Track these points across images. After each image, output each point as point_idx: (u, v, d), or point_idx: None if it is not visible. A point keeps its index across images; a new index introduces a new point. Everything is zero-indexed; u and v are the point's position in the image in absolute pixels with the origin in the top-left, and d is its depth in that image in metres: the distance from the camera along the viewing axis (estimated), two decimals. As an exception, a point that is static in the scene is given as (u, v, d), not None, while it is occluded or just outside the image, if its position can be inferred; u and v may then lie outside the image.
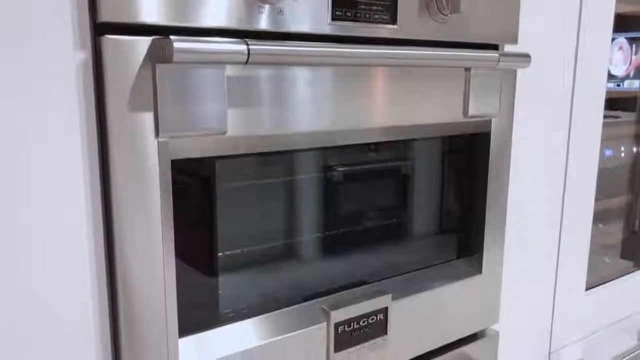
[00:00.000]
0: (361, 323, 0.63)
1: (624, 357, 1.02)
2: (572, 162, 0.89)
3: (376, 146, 0.68)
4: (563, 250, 0.91)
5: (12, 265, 0.43)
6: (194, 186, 0.54)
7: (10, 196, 0.42)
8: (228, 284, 0.58)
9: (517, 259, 0.83)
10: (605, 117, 0.93)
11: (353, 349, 0.62)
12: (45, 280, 0.44)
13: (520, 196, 0.81)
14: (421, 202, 0.73)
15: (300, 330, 0.58)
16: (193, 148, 0.49)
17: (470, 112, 0.68)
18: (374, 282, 0.67)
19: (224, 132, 0.49)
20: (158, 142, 0.46)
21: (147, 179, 0.47)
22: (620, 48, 1.44)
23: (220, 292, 0.57)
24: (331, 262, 0.66)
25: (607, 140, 1.03)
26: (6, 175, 0.42)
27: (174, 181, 0.49)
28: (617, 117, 1.15)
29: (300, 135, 0.55)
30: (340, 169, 0.65)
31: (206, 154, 0.50)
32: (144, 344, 0.48)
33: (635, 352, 1.03)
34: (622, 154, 1.09)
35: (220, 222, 0.56)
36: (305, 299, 0.62)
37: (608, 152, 1.06)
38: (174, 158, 0.48)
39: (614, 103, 1.32)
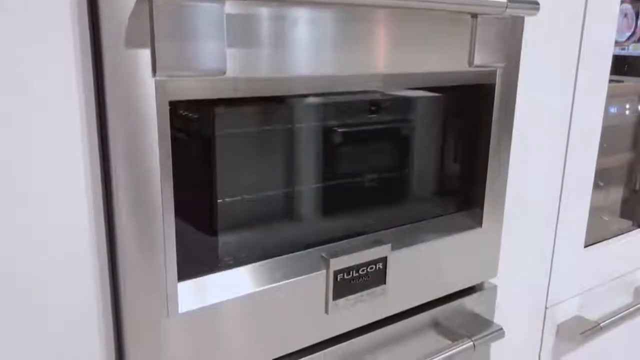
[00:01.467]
0: (360, 272, 0.63)
1: (618, 314, 1.03)
2: (576, 118, 0.88)
3: (377, 99, 0.66)
4: (563, 206, 0.91)
5: (10, 199, 0.42)
6: (192, 131, 0.53)
7: (8, 130, 0.41)
8: (227, 231, 0.57)
9: (517, 213, 0.83)
10: (610, 81, 0.91)
11: (352, 297, 0.63)
12: (45, 223, 0.44)
13: (522, 151, 0.81)
14: (422, 156, 0.73)
15: (300, 277, 0.58)
16: (191, 89, 0.48)
17: (476, 61, 0.66)
18: (373, 232, 0.67)
19: (223, 73, 0.48)
20: (155, 81, 0.45)
21: (144, 120, 0.46)
22: (626, 15, 1.41)
23: (219, 238, 0.56)
24: (331, 213, 0.65)
25: (612, 97, 1.01)
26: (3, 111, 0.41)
27: (173, 126, 0.48)
28: (620, 81, 1.13)
29: (300, 79, 0.53)
30: (341, 121, 0.64)
31: (205, 96, 0.49)
32: (143, 288, 0.48)
33: (630, 309, 1.04)
34: (627, 112, 1.07)
35: (219, 169, 0.55)
36: (305, 248, 0.61)
37: (612, 110, 1.04)
38: (172, 99, 0.47)
39: (619, 67, 1.30)
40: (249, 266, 0.57)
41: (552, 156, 0.86)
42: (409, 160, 0.72)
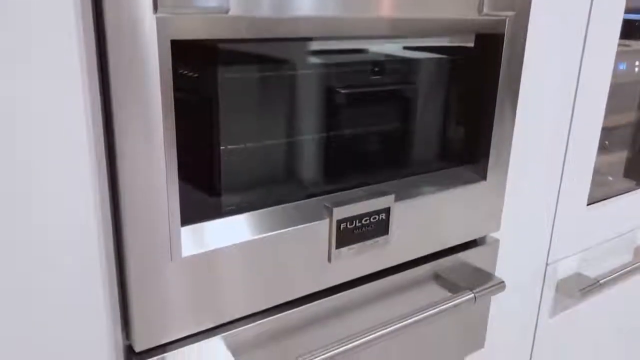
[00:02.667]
0: (363, 221, 0.62)
1: (617, 272, 1.03)
2: (585, 74, 0.86)
3: (385, 53, 0.65)
4: (568, 163, 0.90)
5: (11, 157, 0.42)
6: (195, 74, 0.52)
7: (8, 74, 0.40)
8: (230, 178, 0.57)
9: (522, 169, 0.82)
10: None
11: (354, 246, 0.63)
12: (45, 173, 0.43)
13: (529, 106, 0.79)
14: (428, 108, 0.71)
15: (302, 225, 0.58)
16: (193, 28, 0.46)
17: (485, 9, 0.65)
18: (377, 183, 0.66)
19: (226, 11, 0.46)
20: (157, 18, 0.44)
21: (146, 60, 0.45)
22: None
23: (222, 184, 0.56)
24: (335, 163, 0.65)
25: (622, 53, 0.99)
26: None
27: (175, 69, 0.47)
28: (628, 45, 1.11)
29: (304, 20, 0.52)
30: (347, 73, 0.63)
31: (207, 36, 0.47)
32: (146, 231, 0.48)
33: (629, 267, 1.05)
34: (637, 69, 1.05)
35: (222, 114, 0.55)
36: (308, 197, 0.61)
37: (622, 67, 1.02)
38: (173, 38, 0.46)
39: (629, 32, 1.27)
40: (252, 213, 0.56)
41: (559, 112, 0.85)
42: (414, 113, 0.70)
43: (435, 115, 0.73)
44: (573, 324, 1.05)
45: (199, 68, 0.52)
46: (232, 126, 0.56)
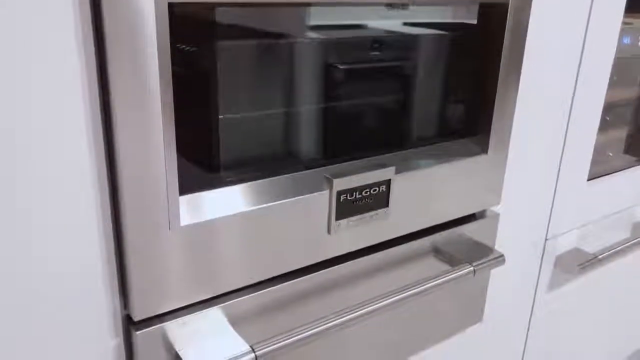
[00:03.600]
0: (363, 193, 0.62)
1: (615, 248, 1.04)
2: (589, 47, 0.85)
3: (385, 21, 0.63)
4: (569, 138, 0.89)
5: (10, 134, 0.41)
6: (192, 42, 0.51)
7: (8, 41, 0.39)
8: (229, 148, 0.56)
9: (523, 143, 0.81)
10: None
11: (354, 218, 0.62)
12: (45, 144, 0.42)
13: (532, 79, 0.78)
14: (430, 80, 0.70)
15: (302, 196, 0.57)
16: (191, -9, 0.45)
17: (490, -23, 0.63)
18: (377, 155, 0.66)
19: (225, -27, 0.45)
20: (153, -21, 0.42)
21: (142, 26, 0.43)
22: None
23: (220, 154, 0.55)
24: (335, 135, 0.64)
25: (625, 25, 0.98)
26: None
27: (172, 38, 0.45)
28: (630, 23, 1.09)
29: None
30: (347, 43, 0.61)
31: None
32: (144, 200, 0.47)
33: (628, 243, 1.05)
34: (640, 44, 1.04)
35: (221, 83, 0.53)
36: (308, 168, 0.60)
37: (626, 40, 1.01)
38: (171, 0, 0.44)
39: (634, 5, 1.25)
40: (251, 183, 0.56)
41: (562, 86, 0.83)
42: (415, 86, 0.69)
43: (436, 88, 0.71)
44: (571, 299, 1.06)
45: (197, 38, 0.51)
46: (230, 95, 0.55)
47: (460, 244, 0.76)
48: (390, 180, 0.63)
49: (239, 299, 0.56)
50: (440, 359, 0.85)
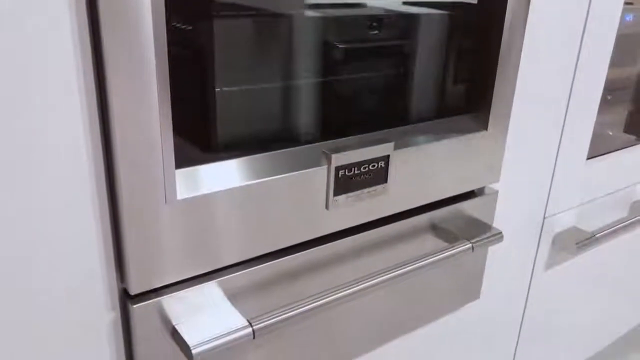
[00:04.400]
0: (362, 169, 0.61)
1: (613, 227, 1.04)
2: (591, 24, 0.83)
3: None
4: (570, 116, 0.89)
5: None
6: (189, 14, 0.50)
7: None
8: (226, 121, 0.55)
9: (523, 120, 0.81)
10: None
11: (352, 194, 0.62)
12: (39, 118, 0.41)
13: (533, 56, 0.77)
14: (430, 55, 0.69)
15: (300, 172, 0.57)
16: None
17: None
18: (376, 131, 0.65)
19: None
20: (148, -56, 0.41)
21: (136, -8, 0.42)
22: None
23: (217, 128, 0.54)
24: (333, 110, 0.63)
25: (627, 5, 0.97)
26: None
27: (168, 5, 0.44)
28: (630, 3, 1.07)
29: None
30: (346, 19, 0.60)
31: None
32: (140, 174, 0.47)
33: (625, 222, 1.05)
34: (643, 20, 1.03)
35: (217, 55, 0.52)
36: (306, 143, 0.60)
37: (628, 18, 1.00)
38: (166, -34, 0.43)
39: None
40: (248, 158, 0.55)
41: (563, 63, 0.82)
42: (415, 62, 0.68)
43: (437, 64, 0.70)
44: (568, 277, 1.06)
45: (193, 9, 0.50)
46: (227, 67, 0.54)
47: (459, 221, 0.75)
48: (389, 156, 0.63)
49: (236, 273, 0.56)
50: (438, 336, 0.85)
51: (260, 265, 0.58)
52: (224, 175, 0.53)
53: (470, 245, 0.71)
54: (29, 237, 0.44)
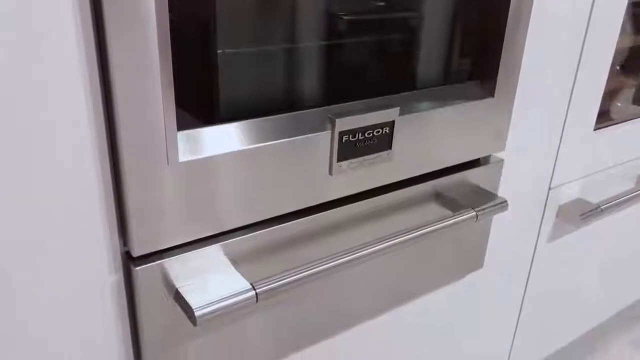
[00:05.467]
0: (366, 135, 0.61)
1: (618, 199, 1.03)
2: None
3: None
4: (578, 85, 0.87)
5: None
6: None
7: None
8: (228, 84, 0.54)
9: (530, 88, 0.79)
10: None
11: (356, 160, 0.61)
12: (40, 79, 0.41)
13: (541, 21, 0.75)
14: (436, 19, 0.68)
15: (303, 136, 0.56)
16: None
17: None
18: (381, 95, 0.64)
19: None
20: None
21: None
22: None
23: (219, 90, 0.53)
24: (338, 74, 0.62)
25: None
26: None
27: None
28: None
29: None
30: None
31: None
32: (142, 135, 0.46)
33: (631, 194, 1.04)
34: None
35: (219, 15, 0.51)
36: (310, 107, 0.59)
37: (640, -15, 0.97)
38: None
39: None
40: (251, 121, 0.54)
41: (572, 30, 0.81)
42: (421, 23, 0.67)
43: (444, 29, 0.69)
44: (572, 249, 1.06)
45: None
46: (230, 28, 0.53)
47: (463, 190, 0.75)
48: (394, 121, 0.62)
49: (240, 238, 0.56)
50: (440, 304, 0.86)
51: (264, 230, 0.57)
52: (226, 139, 0.52)
53: (474, 213, 0.70)
54: (30, 200, 0.44)
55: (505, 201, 0.74)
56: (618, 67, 1.06)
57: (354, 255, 0.60)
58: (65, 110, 0.43)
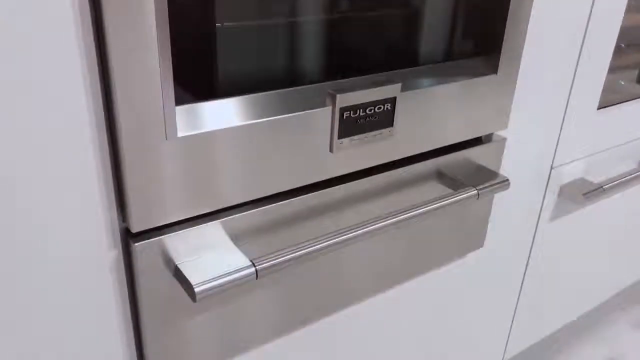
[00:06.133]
0: (367, 111, 0.60)
1: (620, 179, 1.02)
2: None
3: None
4: (582, 63, 0.86)
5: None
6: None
7: None
8: (227, 58, 0.53)
9: (534, 65, 0.78)
10: None
11: (357, 137, 0.60)
12: (37, 57, 0.40)
13: (545, 2, 0.74)
14: (440, -8, 0.67)
15: (304, 112, 0.55)
16: None
17: None
18: (383, 72, 0.63)
19: None
20: None
21: None
22: None
23: (218, 64, 0.53)
24: (339, 48, 0.61)
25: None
26: None
27: None
28: None
29: None
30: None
31: None
32: (139, 109, 0.45)
33: (634, 174, 1.04)
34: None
35: (218, -12, 0.50)
36: (310, 82, 0.58)
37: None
38: None
39: None
40: (251, 96, 0.54)
41: (577, 8, 0.79)
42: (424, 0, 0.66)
43: (446, 3, 0.68)
44: (573, 229, 1.06)
45: None
46: (229, 1, 0.52)
47: (465, 168, 0.74)
48: (396, 98, 0.61)
49: (239, 214, 0.55)
50: (440, 283, 0.85)
51: (263, 208, 0.57)
52: (225, 114, 0.52)
53: (475, 192, 0.70)
54: (27, 176, 0.43)
55: (507, 180, 0.73)
56: (623, 45, 1.05)
57: (354, 233, 0.60)
58: (61, 85, 0.43)
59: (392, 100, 0.61)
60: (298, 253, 0.55)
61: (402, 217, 0.63)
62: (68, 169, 0.45)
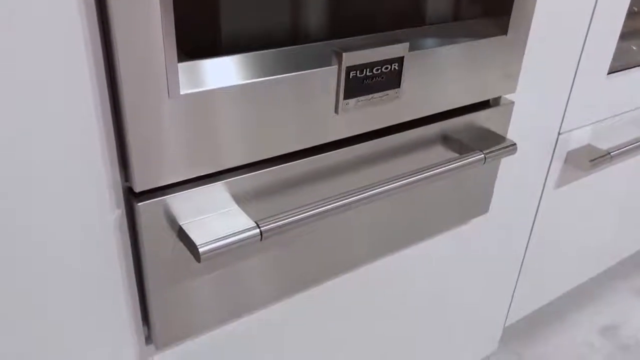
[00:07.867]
0: (374, 71, 0.58)
1: (628, 146, 1.01)
2: None
3: None
4: (593, 27, 0.84)
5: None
6: None
7: None
8: (230, 13, 0.52)
9: (544, 27, 0.76)
10: None
11: (363, 98, 0.59)
12: (37, 20, 0.39)
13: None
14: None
15: (309, 71, 0.54)
16: None
17: None
18: (389, 30, 0.61)
19: None
20: None
21: None
22: None
23: (221, 19, 0.51)
24: (345, 5, 0.59)
25: None
26: None
27: None
28: None
29: None
30: None
31: None
32: (141, 66, 0.44)
33: (638, 142, 1.02)
34: None
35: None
36: (316, 40, 0.56)
37: None
38: None
39: None
40: (255, 54, 0.52)
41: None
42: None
43: (456, -40, 0.66)
44: (578, 196, 1.05)
45: None
46: (232, -45, 0.50)
47: (472, 132, 0.73)
48: (403, 57, 0.60)
49: (244, 176, 0.55)
50: (443, 250, 0.85)
51: (267, 169, 0.56)
52: (228, 72, 0.50)
53: (482, 156, 0.69)
54: (28, 136, 0.43)
55: (514, 144, 0.72)
56: (635, 9, 1.02)
57: (359, 196, 0.59)
58: (60, 40, 0.41)
59: (400, 60, 0.60)
60: (302, 215, 0.55)
61: (407, 180, 0.63)
62: (69, 127, 0.44)
